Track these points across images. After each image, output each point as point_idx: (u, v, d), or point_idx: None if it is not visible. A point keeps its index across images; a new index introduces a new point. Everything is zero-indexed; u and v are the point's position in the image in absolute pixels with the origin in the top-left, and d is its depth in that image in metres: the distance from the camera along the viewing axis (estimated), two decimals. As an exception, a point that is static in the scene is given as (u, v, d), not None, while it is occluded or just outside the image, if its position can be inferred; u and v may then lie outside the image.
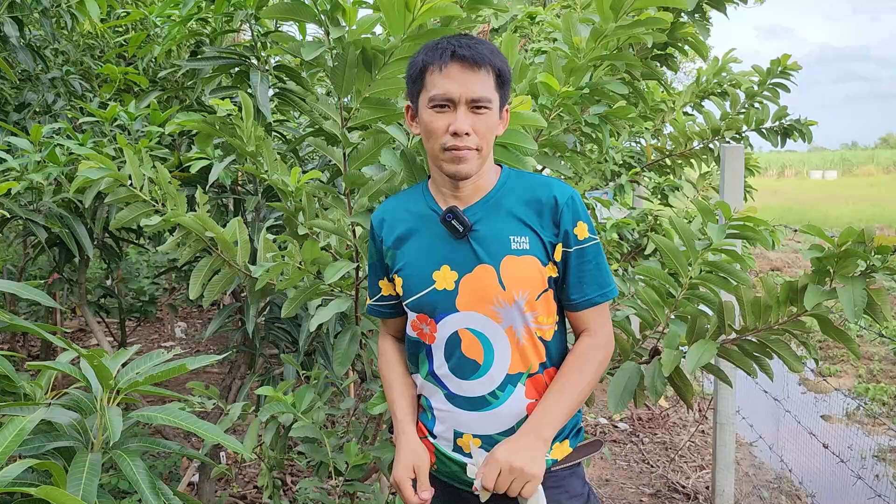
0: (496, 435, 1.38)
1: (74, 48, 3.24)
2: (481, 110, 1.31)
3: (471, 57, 1.29)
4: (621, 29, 1.77)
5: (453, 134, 1.30)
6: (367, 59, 1.59)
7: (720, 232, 1.72)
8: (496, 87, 1.33)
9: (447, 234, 1.38)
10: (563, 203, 1.36)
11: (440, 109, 1.31)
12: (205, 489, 2.72)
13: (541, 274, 1.36)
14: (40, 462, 1.01)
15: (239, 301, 2.72)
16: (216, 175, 2.19)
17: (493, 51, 1.33)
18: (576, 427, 1.46)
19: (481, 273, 1.35)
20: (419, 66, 1.34)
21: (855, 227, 1.53)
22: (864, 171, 37.38)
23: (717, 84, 3.58)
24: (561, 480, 1.41)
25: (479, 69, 1.30)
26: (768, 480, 3.75)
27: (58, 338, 1.31)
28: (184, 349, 5.57)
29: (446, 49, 1.30)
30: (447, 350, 1.39)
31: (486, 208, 1.38)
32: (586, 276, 1.38)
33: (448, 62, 1.29)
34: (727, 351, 1.77)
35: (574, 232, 1.36)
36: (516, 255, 1.35)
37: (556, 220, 1.36)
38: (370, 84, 1.63)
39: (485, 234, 1.36)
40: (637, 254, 3.31)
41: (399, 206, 1.48)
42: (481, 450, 1.39)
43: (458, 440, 1.41)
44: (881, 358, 6.10)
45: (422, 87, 1.34)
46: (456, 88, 1.29)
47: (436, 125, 1.31)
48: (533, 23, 3.90)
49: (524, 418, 1.37)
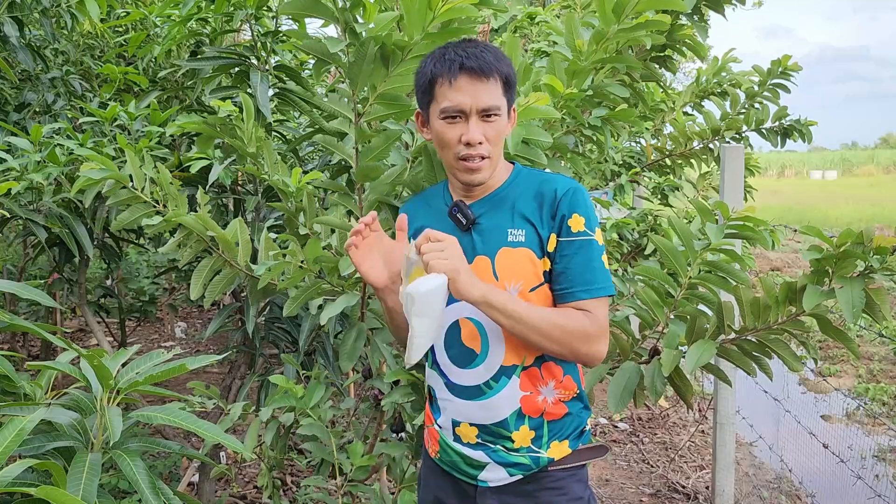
0: (491, 425, 1.41)
1: (74, 48, 3.24)
2: (492, 118, 1.35)
3: (479, 68, 1.32)
4: (622, 32, 1.78)
5: (466, 144, 1.34)
6: (385, 55, 1.62)
7: (718, 232, 1.73)
8: (503, 93, 1.37)
9: (455, 228, 1.42)
10: (562, 194, 1.37)
11: (452, 121, 1.35)
12: (205, 489, 2.72)
13: (535, 266, 1.37)
14: (40, 462, 1.02)
15: (239, 301, 2.72)
16: (216, 175, 2.19)
17: (498, 57, 1.36)
18: (578, 429, 1.46)
19: (478, 264, 1.39)
20: (428, 77, 1.36)
21: (855, 227, 1.53)
22: (864, 171, 37.39)
23: (717, 84, 3.58)
24: (559, 481, 1.42)
25: (488, 79, 1.33)
26: (768, 480, 3.75)
27: (58, 338, 1.31)
28: (184, 349, 5.58)
29: (454, 61, 1.32)
30: (448, 338, 1.44)
31: (492, 203, 1.42)
32: (571, 270, 1.36)
33: (457, 74, 1.32)
34: (727, 351, 1.77)
35: (568, 223, 1.36)
36: (511, 246, 1.38)
37: (553, 212, 1.37)
38: (385, 80, 1.65)
39: (486, 227, 1.40)
40: (637, 254, 3.31)
41: (421, 202, 1.56)
42: (483, 444, 1.41)
43: (457, 429, 1.45)
44: (881, 358, 6.10)
45: (432, 99, 1.37)
46: (467, 100, 1.33)
47: (448, 136, 1.36)
48: (532, 23, 3.91)
49: (518, 410, 1.40)
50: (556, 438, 1.42)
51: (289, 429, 2.04)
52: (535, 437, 1.41)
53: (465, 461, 1.45)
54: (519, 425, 1.40)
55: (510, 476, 1.42)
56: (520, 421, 1.40)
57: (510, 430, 1.40)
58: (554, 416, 1.42)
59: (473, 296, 1.27)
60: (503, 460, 1.41)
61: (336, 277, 1.85)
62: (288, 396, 1.95)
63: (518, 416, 1.40)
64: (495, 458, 1.42)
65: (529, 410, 1.40)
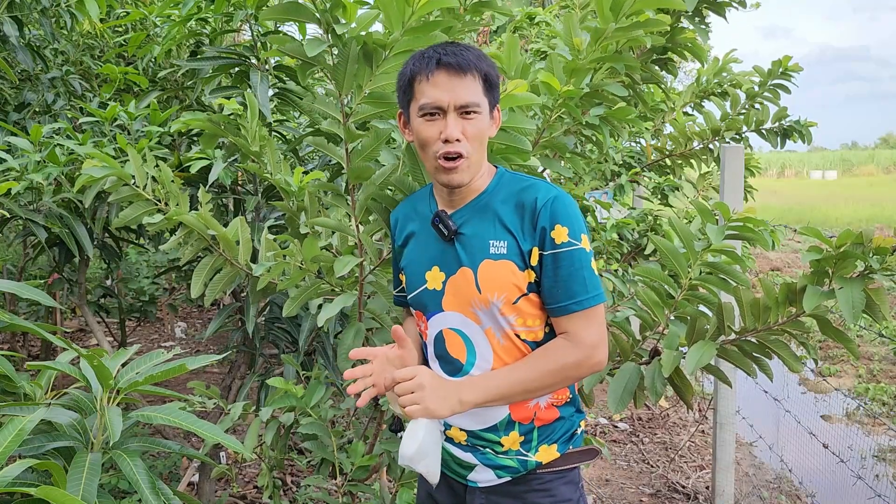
0: (479, 431, 1.42)
1: (74, 48, 3.24)
2: (471, 115, 1.33)
3: (456, 63, 1.31)
4: (620, 31, 1.78)
5: (445, 141, 1.33)
6: (368, 53, 1.61)
7: (719, 233, 1.73)
8: (484, 92, 1.35)
9: (438, 237, 1.43)
10: (542, 205, 1.34)
11: (431, 118, 1.34)
12: (205, 489, 2.72)
13: (517, 278, 1.35)
14: (40, 462, 1.02)
15: (239, 301, 2.72)
16: (216, 175, 2.19)
17: (479, 56, 1.35)
18: (568, 432, 1.46)
19: (462, 275, 1.38)
20: (408, 76, 1.36)
21: (855, 228, 1.53)
22: (864, 171, 37.41)
23: (717, 84, 3.58)
24: (546, 484, 1.42)
25: (466, 75, 1.32)
26: (768, 480, 3.76)
27: (58, 338, 1.31)
28: (184, 349, 5.58)
29: (432, 58, 1.32)
30: (436, 348, 1.45)
31: (474, 211, 1.41)
32: (560, 283, 1.33)
33: (434, 70, 1.31)
34: (727, 351, 1.77)
35: (551, 235, 1.33)
36: (493, 258, 1.36)
37: (534, 223, 1.35)
38: (371, 79, 1.65)
39: (468, 237, 1.39)
40: (637, 254, 3.32)
41: (410, 206, 1.54)
42: (472, 447, 1.43)
43: (448, 431, 1.47)
44: (881, 358, 6.10)
45: (412, 97, 1.37)
46: (444, 96, 1.31)
47: (427, 133, 1.34)
48: (532, 23, 3.91)
49: (507, 417, 1.40)
50: (546, 442, 1.42)
51: (289, 429, 2.04)
52: (524, 441, 1.41)
53: (455, 461, 1.47)
54: (509, 431, 1.41)
55: (498, 478, 1.42)
56: (510, 427, 1.41)
57: (499, 435, 1.41)
58: (545, 420, 1.42)
59: (458, 411, 1.31)
60: (491, 462, 1.42)
61: (335, 277, 1.85)
62: (288, 396, 1.95)
63: (508, 422, 1.40)
64: (483, 460, 1.42)
65: (520, 417, 1.40)
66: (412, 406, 1.27)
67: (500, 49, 2.08)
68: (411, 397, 1.27)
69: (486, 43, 5.37)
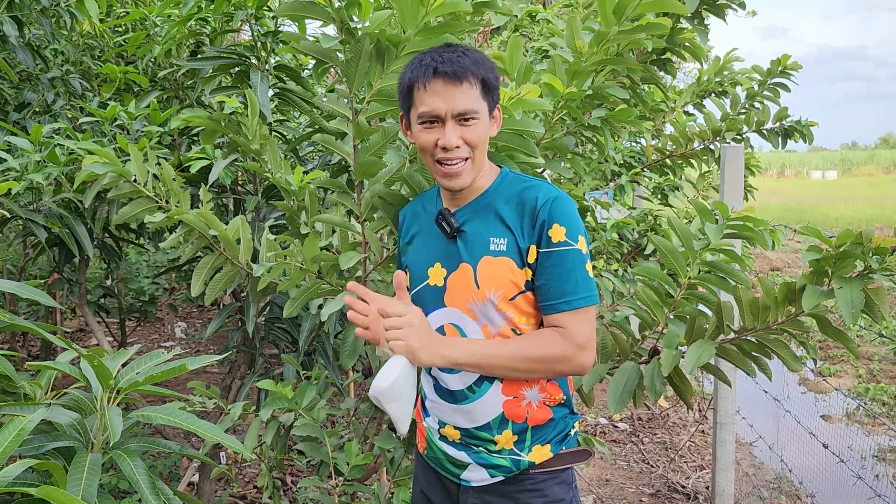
0: (473, 429, 1.43)
1: (74, 48, 3.24)
2: (469, 122, 1.35)
3: (453, 72, 1.31)
4: (623, 33, 1.78)
5: (443, 149, 1.35)
6: (381, 51, 1.63)
7: (718, 232, 1.73)
8: (482, 96, 1.36)
9: (441, 235, 1.45)
10: (542, 204, 1.36)
11: (429, 126, 1.35)
12: (205, 489, 2.72)
13: (515, 275, 1.37)
14: (40, 462, 1.02)
15: (239, 301, 2.73)
16: (216, 174, 2.19)
17: (476, 61, 1.35)
18: (562, 433, 1.46)
19: (462, 271, 1.40)
20: (406, 83, 1.37)
21: (854, 227, 1.53)
22: (864, 171, 37.41)
23: (717, 83, 3.58)
24: (539, 484, 1.43)
25: (462, 82, 1.32)
26: (768, 480, 3.76)
27: (58, 338, 1.31)
28: (184, 349, 5.58)
29: (429, 66, 1.33)
30: None
31: (476, 209, 1.43)
32: (553, 282, 1.35)
33: (431, 79, 1.32)
34: (726, 351, 1.77)
35: (548, 233, 1.35)
36: (493, 255, 1.38)
37: (533, 222, 1.37)
38: (382, 77, 1.66)
39: (470, 234, 1.41)
40: (637, 254, 3.31)
41: (419, 205, 1.57)
42: (466, 445, 1.44)
43: (442, 430, 1.48)
44: (881, 358, 6.10)
45: (411, 104, 1.38)
46: (441, 104, 1.33)
47: (426, 141, 1.36)
48: (533, 21, 3.91)
49: (500, 415, 1.41)
50: (539, 442, 1.43)
51: (289, 429, 2.04)
52: (517, 440, 1.42)
53: (449, 460, 1.48)
54: (502, 430, 1.41)
55: (491, 477, 1.43)
56: (503, 426, 1.41)
57: (493, 433, 1.42)
58: (538, 421, 1.43)
59: (437, 363, 1.31)
60: (485, 461, 1.43)
61: (335, 277, 1.85)
62: (280, 398, 1.95)
63: (501, 420, 1.41)
64: (477, 459, 1.43)
65: (513, 416, 1.41)
66: (396, 342, 1.28)
67: (501, 49, 2.08)
68: (397, 332, 1.28)
69: (486, 43, 5.37)
